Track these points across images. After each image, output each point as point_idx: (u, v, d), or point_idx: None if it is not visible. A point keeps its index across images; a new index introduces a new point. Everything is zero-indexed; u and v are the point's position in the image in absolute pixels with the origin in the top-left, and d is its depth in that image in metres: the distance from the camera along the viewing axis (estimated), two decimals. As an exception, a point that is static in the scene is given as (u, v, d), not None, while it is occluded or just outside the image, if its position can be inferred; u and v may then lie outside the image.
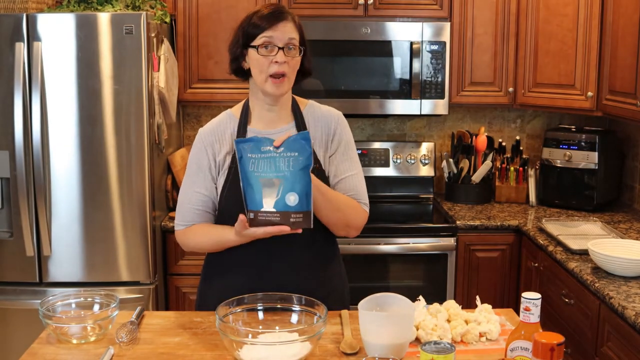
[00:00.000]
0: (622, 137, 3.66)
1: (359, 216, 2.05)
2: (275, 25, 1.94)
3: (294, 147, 1.83)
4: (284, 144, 1.84)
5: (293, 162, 1.82)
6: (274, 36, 1.94)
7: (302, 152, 1.83)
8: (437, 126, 3.98)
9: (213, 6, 3.50)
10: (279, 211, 1.82)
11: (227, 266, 2.07)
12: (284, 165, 1.82)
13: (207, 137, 2.06)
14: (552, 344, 1.39)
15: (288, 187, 1.81)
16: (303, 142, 1.83)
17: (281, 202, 1.82)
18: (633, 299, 2.25)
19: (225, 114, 2.11)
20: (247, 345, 1.67)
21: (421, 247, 3.30)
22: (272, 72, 1.95)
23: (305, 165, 1.83)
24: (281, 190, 1.82)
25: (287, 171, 1.82)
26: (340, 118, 2.13)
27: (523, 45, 3.53)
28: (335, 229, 2.06)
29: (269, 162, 1.83)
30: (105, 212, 3.06)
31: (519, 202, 3.70)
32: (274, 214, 1.82)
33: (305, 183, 1.82)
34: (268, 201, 1.82)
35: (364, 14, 3.53)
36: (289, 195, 1.81)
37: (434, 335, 1.79)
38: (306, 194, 1.82)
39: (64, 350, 1.79)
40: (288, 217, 1.82)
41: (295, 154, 1.83)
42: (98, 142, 3.03)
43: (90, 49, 2.98)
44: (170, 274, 3.34)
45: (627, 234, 3.04)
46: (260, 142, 1.85)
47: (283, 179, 1.82)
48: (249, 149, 1.84)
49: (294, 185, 1.81)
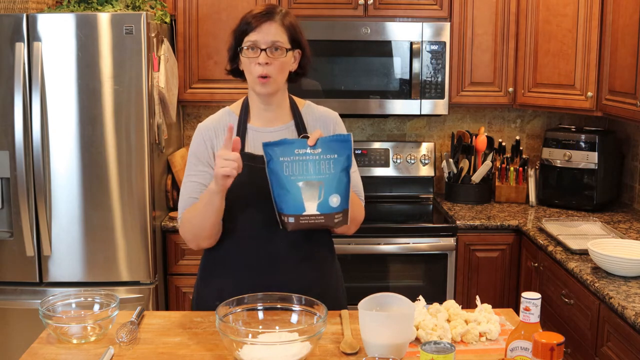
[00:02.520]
0: (622, 137, 3.66)
1: (360, 212, 2.10)
2: (259, 27, 1.96)
3: (333, 149, 1.83)
4: (320, 145, 1.83)
5: (334, 164, 1.83)
6: (258, 39, 1.96)
7: (342, 153, 1.83)
8: (437, 126, 3.98)
9: (213, 6, 3.50)
10: (323, 213, 1.83)
11: (223, 265, 2.08)
12: (324, 167, 1.82)
13: (206, 131, 2.08)
14: (552, 344, 1.40)
15: (330, 189, 1.82)
16: (343, 144, 1.84)
17: (325, 204, 1.83)
18: (633, 299, 2.25)
19: (224, 110, 2.12)
20: (247, 345, 1.66)
21: (421, 247, 3.30)
22: (257, 74, 1.97)
23: (345, 166, 1.84)
24: (323, 192, 1.82)
25: (328, 173, 1.82)
26: (338, 118, 2.15)
27: (523, 45, 3.53)
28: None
29: (306, 164, 1.82)
30: (105, 212, 3.06)
31: (519, 202, 3.70)
32: (319, 217, 1.83)
33: (346, 183, 1.84)
34: (310, 204, 1.82)
35: (364, 14, 3.53)
36: (332, 197, 1.83)
37: (434, 335, 1.79)
38: (346, 194, 1.85)
39: (64, 350, 1.79)
40: (332, 218, 1.84)
41: (335, 155, 1.83)
42: (98, 142, 3.03)
43: (90, 49, 2.98)
44: (170, 273, 3.34)
45: (627, 233, 3.04)
46: (292, 145, 1.84)
47: (324, 181, 1.82)
48: (280, 152, 1.83)
49: (336, 186, 1.83)
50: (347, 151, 1.84)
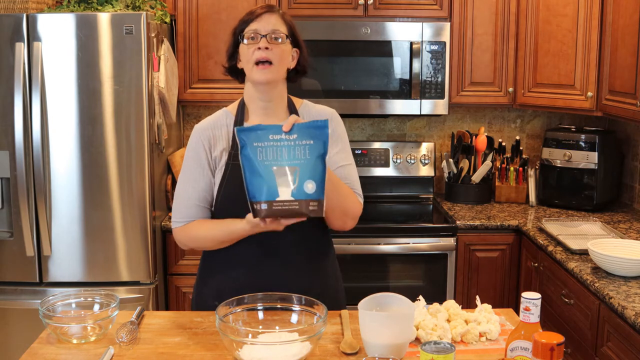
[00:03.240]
0: (622, 137, 3.66)
1: (355, 205, 2.05)
2: (259, 17, 1.99)
3: (309, 135, 1.78)
4: (296, 130, 1.78)
5: (310, 150, 1.78)
6: (259, 27, 1.98)
7: (318, 139, 1.78)
8: (437, 126, 3.98)
9: (213, 6, 3.50)
10: (297, 199, 1.76)
11: (222, 264, 2.08)
12: (299, 153, 1.77)
13: (203, 132, 2.07)
14: (552, 344, 1.40)
15: (305, 175, 1.76)
16: (319, 130, 1.79)
17: (300, 189, 1.76)
18: (633, 299, 2.25)
19: (221, 111, 2.12)
20: (247, 345, 1.66)
21: (421, 247, 3.30)
22: (256, 58, 1.97)
23: (322, 153, 1.78)
24: (297, 178, 1.76)
25: (303, 159, 1.77)
26: (335, 115, 2.14)
27: (523, 45, 3.53)
28: (334, 217, 2.03)
29: (280, 150, 1.77)
30: (105, 212, 3.06)
31: (519, 202, 3.70)
32: (293, 203, 1.75)
33: (321, 171, 1.78)
34: (284, 190, 1.76)
35: (364, 14, 3.53)
36: (307, 183, 1.76)
37: (434, 335, 1.79)
38: (322, 182, 1.78)
39: (64, 350, 1.79)
40: (307, 205, 1.76)
41: (311, 141, 1.78)
42: (98, 142, 3.03)
43: (90, 49, 2.98)
44: (170, 273, 3.34)
45: (627, 233, 3.04)
46: (267, 130, 1.79)
47: (299, 166, 1.76)
48: (255, 137, 1.78)
49: (311, 173, 1.77)
50: (323, 137, 1.78)
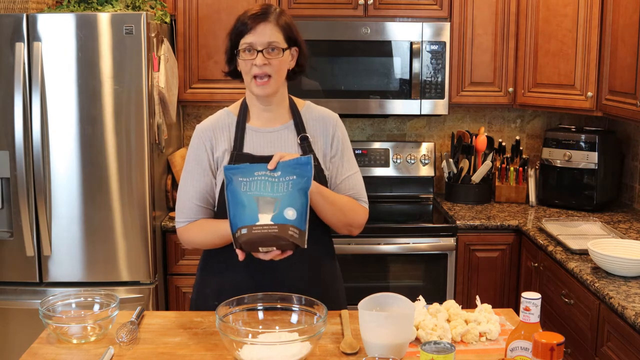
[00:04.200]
0: (622, 137, 3.66)
1: (359, 216, 2.09)
2: (254, 29, 1.96)
3: (292, 172, 1.81)
4: (280, 168, 1.81)
5: (292, 184, 1.80)
6: (254, 40, 1.96)
7: (302, 175, 1.81)
8: (437, 126, 3.98)
9: (213, 6, 3.50)
10: (276, 224, 1.75)
11: (222, 265, 2.08)
12: (282, 187, 1.79)
13: (205, 132, 2.07)
14: (552, 344, 1.40)
15: (286, 204, 1.78)
16: (303, 167, 1.81)
17: (279, 215, 1.76)
18: (633, 298, 2.25)
19: (223, 111, 2.12)
20: (247, 345, 1.67)
21: (421, 247, 3.30)
22: (253, 73, 1.98)
23: (303, 187, 1.81)
24: (278, 206, 1.77)
25: (285, 192, 1.79)
26: (338, 120, 2.15)
27: (523, 45, 3.53)
28: (337, 229, 2.10)
29: (264, 184, 1.80)
30: (105, 212, 3.06)
31: (519, 202, 3.70)
32: (272, 227, 1.75)
33: (303, 203, 1.79)
34: (264, 216, 1.77)
35: (364, 14, 3.53)
36: (288, 210, 1.77)
37: (434, 335, 1.79)
38: (303, 213, 1.79)
39: (64, 350, 1.79)
40: (286, 229, 1.75)
41: (294, 177, 1.80)
42: (98, 142, 3.03)
43: (90, 49, 2.98)
44: (170, 274, 3.34)
45: (627, 233, 3.04)
46: (252, 168, 1.82)
47: (281, 198, 1.78)
48: (240, 173, 1.82)
49: (291, 202, 1.79)
50: (307, 173, 1.81)
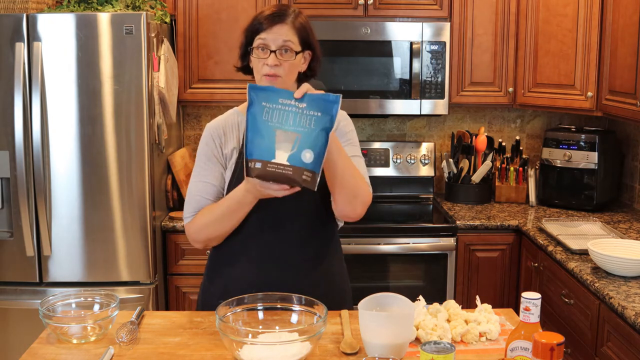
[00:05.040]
0: (622, 137, 3.66)
1: (365, 191, 1.99)
2: (270, 28, 1.95)
3: (317, 107, 1.74)
4: (307, 100, 1.75)
5: (315, 121, 1.74)
6: (268, 38, 1.95)
7: (326, 113, 1.75)
8: (437, 126, 3.98)
9: (213, 6, 3.50)
10: (292, 165, 1.71)
11: (229, 264, 2.08)
12: (305, 121, 1.73)
13: (215, 129, 2.08)
14: (552, 344, 1.40)
15: (305, 144, 1.72)
16: (329, 104, 1.75)
17: (296, 156, 1.71)
18: (633, 299, 2.25)
19: (232, 110, 2.13)
20: (247, 345, 1.66)
21: (421, 247, 3.30)
22: (264, 72, 1.97)
23: (326, 127, 1.74)
24: (297, 145, 1.72)
25: (307, 128, 1.73)
26: (345, 116, 2.14)
27: (523, 45, 3.53)
28: (344, 199, 1.96)
29: (287, 114, 1.73)
30: (105, 212, 3.06)
31: (519, 202, 3.70)
32: (287, 167, 1.71)
33: (322, 144, 1.74)
34: (281, 153, 1.71)
35: (364, 14, 3.53)
36: (305, 152, 1.72)
37: (434, 335, 1.79)
38: (320, 155, 1.73)
39: (64, 350, 1.79)
40: (301, 173, 1.71)
41: (319, 113, 1.74)
42: (98, 142, 3.03)
43: (90, 49, 2.98)
44: (170, 274, 3.34)
45: (627, 234, 3.04)
46: (278, 93, 1.75)
47: (302, 134, 1.73)
48: (264, 97, 1.75)
49: (312, 143, 1.72)
50: (331, 112, 1.74)
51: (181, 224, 3.27)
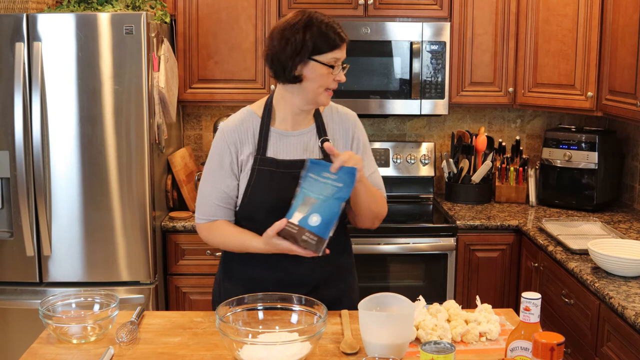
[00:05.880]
0: (622, 137, 3.66)
1: (384, 209, 2.17)
2: (342, 46, 2.04)
3: (344, 180, 1.89)
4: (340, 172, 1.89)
5: (335, 191, 1.89)
6: (341, 57, 2.04)
7: (347, 185, 1.89)
8: (437, 126, 3.98)
9: (213, 6, 3.50)
10: (299, 225, 1.88)
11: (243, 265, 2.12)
12: (327, 190, 1.89)
13: (230, 135, 2.08)
14: (552, 344, 1.40)
15: (318, 209, 1.88)
16: (352, 177, 1.89)
17: (305, 219, 1.88)
18: (633, 299, 2.25)
19: (247, 111, 2.12)
20: (247, 345, 1.67)
21: (421, 247, 3.30)
22: (332, 87, 2.04)
23: (341, 196, 1.89)
24: (311, 209, 1.88)
25: (326, 196, 1.89)
26: (356, 119, 2.20)
27: (523, 45, 3.53)
28: (365, 219, 2.13)
29: (319, 185, 1.90)
30: (105, 212, 3.06)
31: (519, 202, 3.70)
32: (295, 226, 1.88)
33: (333, 212, 1.88)
34: (297, 215, 1.89)
35: (364, 14, 3.53)
36: (313, 216, 1.88)
37: (434, 335, 1.79)
38: (329, 222, 1.88)
39: (64, 350, 1.79)
40: (302, 233, 1.88)
41: (341, 184, 1.89)
42: (98, 142, 3.03)
43: (90, 49, 2.98)
44: (170, 274, 3.34)
45: (627, 234, 3.04)
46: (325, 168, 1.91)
47: (320, 200, 1.89)
48: (314, 170, 1.92)
49: (322, 209, 1.88)
50: (352, 185, 1.89)
51: (181, 224, 3.27)
